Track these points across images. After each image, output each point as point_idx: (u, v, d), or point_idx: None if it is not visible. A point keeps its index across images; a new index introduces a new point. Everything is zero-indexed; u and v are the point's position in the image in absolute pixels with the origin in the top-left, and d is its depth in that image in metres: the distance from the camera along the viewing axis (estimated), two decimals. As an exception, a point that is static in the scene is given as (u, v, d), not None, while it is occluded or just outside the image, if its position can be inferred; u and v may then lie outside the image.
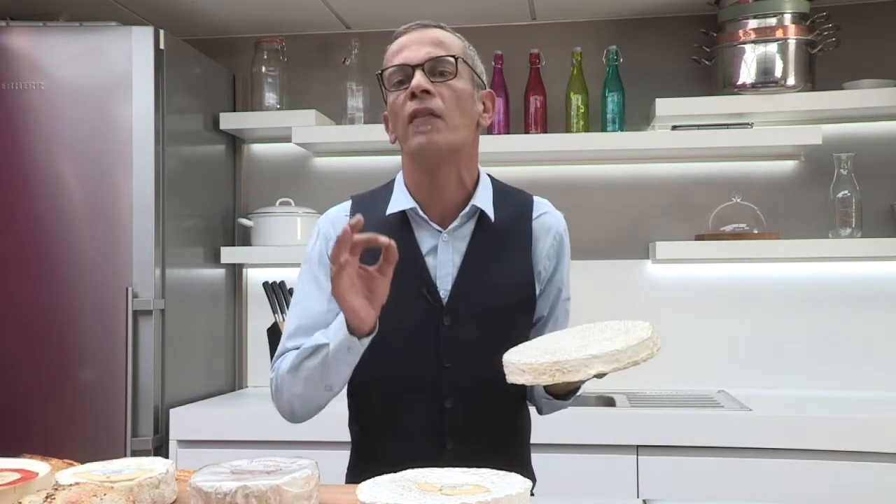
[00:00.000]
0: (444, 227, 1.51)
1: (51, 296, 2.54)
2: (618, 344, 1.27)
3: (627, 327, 1.36)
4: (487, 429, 1.52)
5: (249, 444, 2.51)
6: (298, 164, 3.18)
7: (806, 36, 2.74)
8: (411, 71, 1.45)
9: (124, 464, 1.27)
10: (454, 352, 1.49)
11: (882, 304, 2.86)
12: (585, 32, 3.04)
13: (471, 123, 1.50)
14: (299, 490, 1.11)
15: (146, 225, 2.55)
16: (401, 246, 1.39)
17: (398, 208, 1.51)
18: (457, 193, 1.51)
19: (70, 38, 2.59)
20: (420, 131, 1.43)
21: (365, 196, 1.61)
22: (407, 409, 1.50)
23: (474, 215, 1.52)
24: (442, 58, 1.46)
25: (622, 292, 2.97)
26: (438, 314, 1.49)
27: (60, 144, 2.55)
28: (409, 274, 1.45)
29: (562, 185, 3.02)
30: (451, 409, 1.49)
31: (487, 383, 1.45)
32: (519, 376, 1.29)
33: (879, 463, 2.30)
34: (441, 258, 1.50)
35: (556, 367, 1.25)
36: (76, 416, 2.51)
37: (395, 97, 1.47)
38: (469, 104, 1.49)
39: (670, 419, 2.41)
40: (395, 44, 1.51)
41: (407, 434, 1.50)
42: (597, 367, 1.23)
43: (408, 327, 1.48)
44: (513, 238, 1.55)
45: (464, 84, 1.48)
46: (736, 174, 2.96)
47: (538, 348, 1.36)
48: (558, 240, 1.60)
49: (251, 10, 2.97)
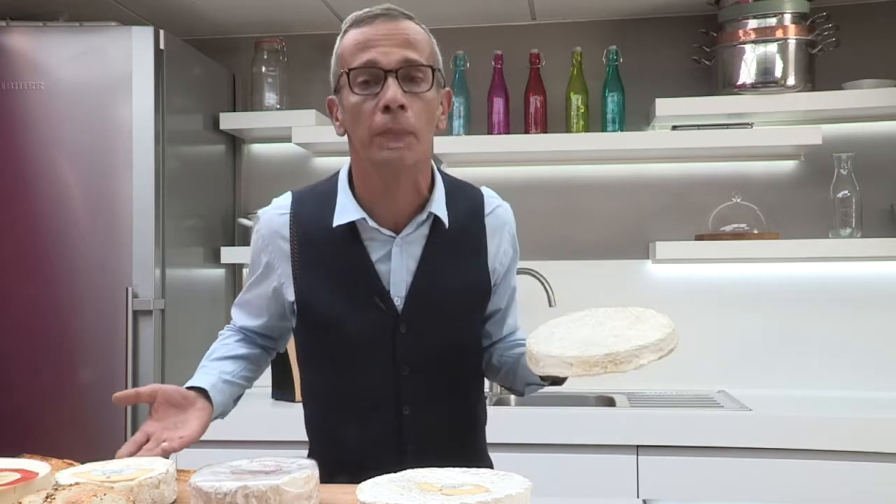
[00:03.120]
0: (397, 233, 1.44)
1: (51, 296, 2.54)
2: (656, 333, 1.27)
3: (637, 314, 1.34)
4: (447, 429, 1.50)
5: (249, 444, 2.51)
6: (298, 164, 3.18)
7: (806, 36, 2.74)
8: (382, 75, 1.33)
9: (124, 464, 1.27)
10: (411, 359, 1.45)
11: (882, 304, 2.86)
12: (585, 32, 3.04)
13: (433, 126, 1.42)
14: (299, 490, 1.11)
15: (146, 225, 2.55)
16: (350, 253, 1.38)
17: (346, 219, 1.42)
18: (412, 199, 1.44)
19: (70, 38, 2.59)
20: (389, 147, 1.34)
21: (307, 193, 1.52)
22: (365, 417, 1.46)
23: (428, 220, 1.45)
24: (418, 66, 1.35)
25: (622, 292, 2.97)
26: (394, 322, 1.44)
27: (60, 144, 2.55)
28: (360, 283, 1.42)
29: (562, 185, 3.02)
30: (409, 415, 1.46)
31: (445, 386, 1.45)
32: (564, 369, 1.26)
33: (879, 463, 2.30)
34: (395, 264, 1.43)
35: (609, 360, 1.23)
36: (76, 416, 2.51)
37: (362, 101, 1.35)
38: (435, 113, 1.41)
39: (670, 419, 2.41)
40: (357, 34, 1.36)
41: (365, 440, 1.47)
42: (647, 357, 1.23)
43: (362, 336, 1.44)
44: (467, 238, 1.49)
45: (433, 93, 1.38)
46: (736, 174, 2.96)
47: (565, 338, 1.32)
48: (511, 234, 1.57)
49: (251, 10, 2.97)
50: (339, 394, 1.49)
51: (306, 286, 1.45)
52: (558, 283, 2.86)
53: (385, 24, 1.35)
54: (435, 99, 1.39)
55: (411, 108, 1.34)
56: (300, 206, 1.49)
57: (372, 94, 1.34)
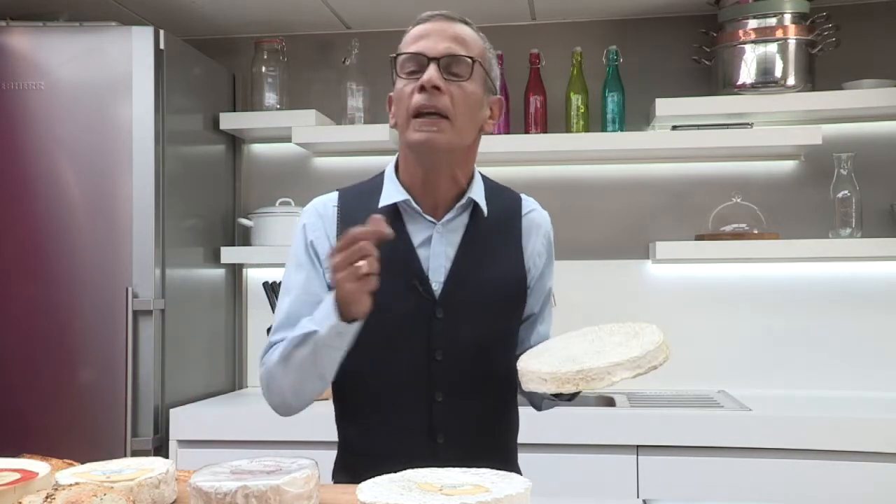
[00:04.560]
0: (438, 219, 1.50)
1: (51, 296, 2.54)
2: (636, 350, 1.27)
3: (635, 330, 1.36)
4: (478, 423, 1.51)
5: (249, 444, 2.51)
6: (298, 164, 3.18)
7: (806, 36, 2.74)
8: (426, 62, 1.42)
9: (124, 464, 1.27)
10: (446, 344, 1.47)
11: (882, 304, 2.86)
12: (585, 32, 3.04)
13: (475, 127, 1.49)
14: (299, 490, 1.11)
15: (146, 225, 2.55)
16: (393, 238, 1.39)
17: (390, 200, 1.49)
18: (450, 188, 1.50)
19: (70, 38, 2.59)
20: (422, 129, 1.42)
21: (351, 189, 1.59)
22: (397, 402, 1.48)
23: (468, 208, 1.51)
24: (460, 57, 1.43)
25: (622, 292, 2.97)
26: (431, 306, 1.47)
27: (60, 144, 2.55)
28: (400, 266, 1.45)
29: (562, 185, 3.02)
30: (442, 402, 1.48)
31: (478, 377, 1.47)
32: (540, 385, 1.29)
33: (879, 463, 2.30)
34: (434, 250, 1.49)
35: (580, 376, 1.25)
36: (76, 416, 2.52)
37: (404, 85, 1.45)
38: (476, 108, 1.47)
39: (670, 419, 2.41)
40: (416, 29, 1.47)
41: (397, 428, 1.48)
42: (620, 374, 1.24)
43: (399, 319, 1.46)
44: (504, 233, 1.55)
45: (475, 87, 1.46)
46: (736, 174, 2.96)
47: (552, 355, 1.35)
48: (547, 238, 1.62)
49: (251, 10, 2.97)
50: (372, 379, 1.50)
51: None
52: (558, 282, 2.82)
53: (440, 23, 1.47)
54: (476, 94, 1.46)
55: (448, 91, 1.41)
56: (346, 199, 1.56)
57: (415, 79, 1.43)
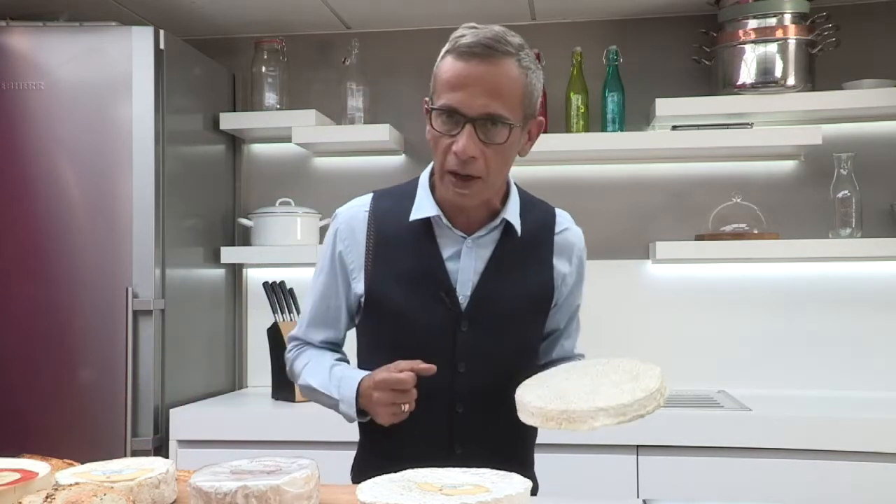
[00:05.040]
0: (469, 234, 1.51)
1: (51, 296, 2.54)
2: (626, 396, 1.28)
3: (637, 371, 1.37)
4: (496, 434, 1.52)
5: (249, 444, 2.51)
6: (298, 164, 3.18)
7: (806, 36, 2.74)
8: (462, 122, 1.39)
9: (124, 464, 1.27)
10: (469, 357, 1.50)
11: (882, 304, 2.86)
12: (585, 32, 3.04)
13: (510, 165, 1.49)
14: (299, 490, 1.11)
15: (146, 225, 2.55)
16: (423, 250, 1.46)
17: (422, 215, 1.51)
18: (483, 210, 1.52)
19: (70, 38, 2.59)
20: (456, 190, 1.43)
21: (386, 193, 1.60)
22: (418, 411, 1.48)
23: (500, 226, 1.53)
24: (497, 119, 1.39)
25: (622, 292, 2.97)
26: (456, 319, 1.50)
27: (60, 144, 2.55)
28: (429, 277, 1.48)
29: (562, 185, 3.02)
30: (462, 413, 1.50)
31: (499, 389, 1.48)
32: (529, 418, 1.33)
33: (879, 463, 2.30)
34: (463, 264, 1.50)
35: (564, 416, 1.27)
36: (76, 416, 2.51)
37: (439, 135, 1.42)
38: (513, 154, 1.47)
39: (670, 419, 2.41)
40: (453, 69, 1.40)
41: (417, 437, 1.50)
42: (602, 420, 1.26)
43: (424, 330, 1.49)
44: (535, 250, 1.56)
45: (513, 140, 1.43)
46: (736, 174, 2.96)
47: (549, 387, 1.38)
48: (579, 257, 1.64)
49: (251, 10, 2.97)
50: None
51: (377, 278, 1.51)
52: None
53: (480, 67, 1.38)
54: (513, 146, 1.45)
55: (483, 156, 1.40)
56: (379, 203, 1.57)
57: (449, 134, 1.40)
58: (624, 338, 2.91)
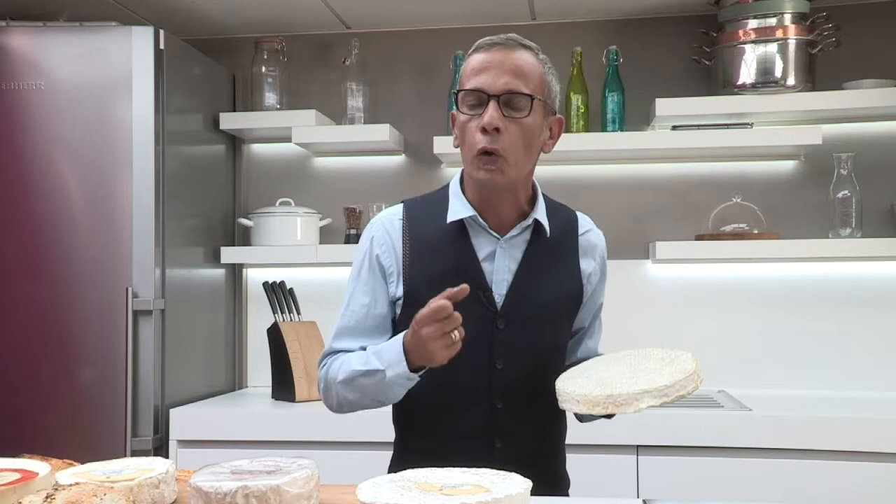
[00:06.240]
0: (502, 235, 1.56)
1: (51, 296, 2.54)
2: (666, 378, 1.36)
3: (671, 357, 1.45)
4: (534, 428, 1.58)
5: (249, 444, 2.51)
6: (298, 164, 3.18)
7: (806, 36, 2.74)
8: (486, 99, 1.47)
9: (124, 464, 1.27)
10: (506, 354, 1.54)
11: (882, 304, 2.86)
12: (585, 32, 3.04)
13: (534, 155, 1.55)
14: (299, 490, 1.11)
15: (146, 225, 2.55)
16: (459, 251, 1.51)
17: (458, 216, 1.55)
18: (513, 208, 1.57)
19: (70, 38, 2.59)
20: (484, 168, 1.48)
21: (417, 201, 1.65)
22: (459, 408, 1.54)
23: (530, 226, 1.58)
24: (519, 94, 1.47)
25: (622, 292, 2.97)
26: (493, 317, 1.54)
27: (60, 144, 2.55)
28: (466, 277, 1.49)
29: (562, 185, 3.01)
30: (501, 409, 1.54)
31: (535, 385, 1.54)
32: (574, 406, 1.39)
33: (879, 463, 2.30)
34: (498, 264, 1.55)
35: (610, 401, 1.34)
36: (76, 416, 2.51)
37: (467, 120, 1.50)
38: (536, 139, 1.53)
39: (670, 419, 2.41)
40: (476, 59, 1.51)
41: (458, 433, 1.54)
42: (647, 402, 1.33)
43: (464, 329, 1.49)
44: (563, 250, 1.62)
45: (535, 119, 1.50)
46: (736, 174, 2.96)
47: (589, 377, 1.44)
48: (602, 257, 1.69)
49: (251, 10, 2.97)
50: (437, 385, 1.53)
51: (416, 279, 1.56)
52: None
53: (500, 53, 1.50)
54: (535, 125, 1.51)
55: (507, 131, 1.47)
56: (412, 211, 1.62)
57: (477, 115, 1.49)
58: (624, 337, 2.89)
